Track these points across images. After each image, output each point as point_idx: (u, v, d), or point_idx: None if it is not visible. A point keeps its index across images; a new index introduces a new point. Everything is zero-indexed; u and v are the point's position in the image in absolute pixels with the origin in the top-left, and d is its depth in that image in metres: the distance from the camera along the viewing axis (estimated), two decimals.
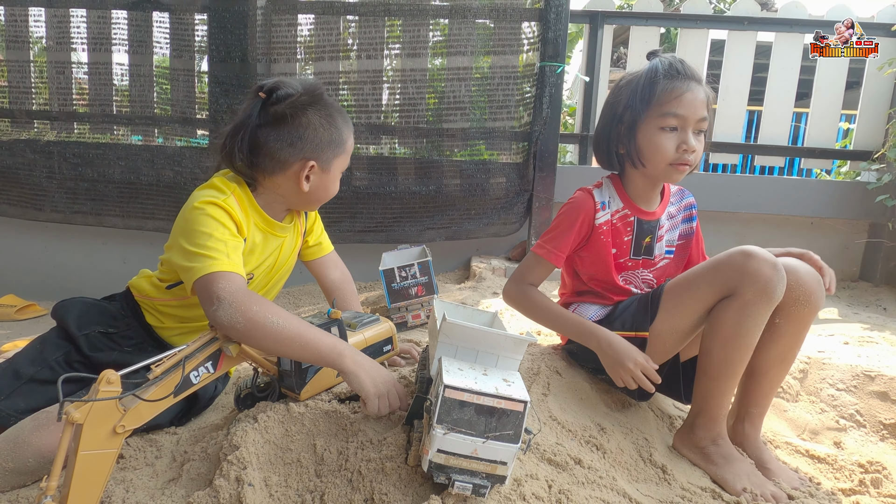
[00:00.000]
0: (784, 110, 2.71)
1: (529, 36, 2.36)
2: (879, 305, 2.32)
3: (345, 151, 1.11)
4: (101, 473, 0.72)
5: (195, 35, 2.41)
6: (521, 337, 0.80)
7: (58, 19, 2.45)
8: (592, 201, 1.19)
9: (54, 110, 2.51)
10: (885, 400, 1.36)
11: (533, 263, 1.22)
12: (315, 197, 1.11)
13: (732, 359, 1.03)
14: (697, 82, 1.12)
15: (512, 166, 2.44)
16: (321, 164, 1.08)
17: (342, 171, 1.13)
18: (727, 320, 1.02)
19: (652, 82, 1.12)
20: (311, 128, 1.05)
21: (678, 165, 1.12)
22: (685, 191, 1.30)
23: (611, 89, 1.22)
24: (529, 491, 0.79)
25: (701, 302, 1.06)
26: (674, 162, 1.12)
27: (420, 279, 1.67)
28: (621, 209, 1.20)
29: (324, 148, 1.08)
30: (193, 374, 0.81)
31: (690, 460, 1.10)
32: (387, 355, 1.11)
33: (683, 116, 1.10)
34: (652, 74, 1.12)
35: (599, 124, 1.23)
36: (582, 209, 1.19)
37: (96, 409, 0.69)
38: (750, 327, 1.01)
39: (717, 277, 1.03)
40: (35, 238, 2.60)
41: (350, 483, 0.80)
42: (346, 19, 2.43)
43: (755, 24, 2.62)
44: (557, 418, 1.05)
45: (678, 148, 1.11)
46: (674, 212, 1.26)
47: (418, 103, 2.43)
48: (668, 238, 1.25)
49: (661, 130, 1.12)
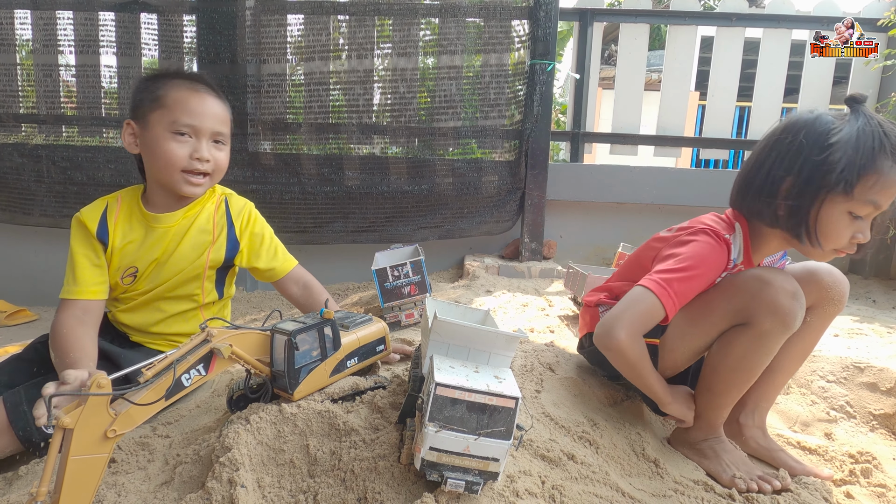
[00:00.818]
0: (773, 106, 2.73)
1: (519, 34, 2.37)
2: (869, 298, 2.35)
3: (162, 106, 1.10)
4: (91, 478, 0.71)
5: (184, 36, 2.40)
6: (512, 334, 0.80)
7: (44, 21, 2.43)
8: (727, 253, 1.03)
9: (42, 114, 2.48)
10: (874, 391, 1.37)
11: (652, 309, 0.98)
12: (154, 162, 1.12)
13: (740, 381, 1.03)
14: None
15: (504, 164, 2.44)
16: (138, 122, 1.12)
17: (172, 128, 1.09)
18: (740, 345, 1.00)
19: (872, 158, 0.90)
20: (134, 91, 1.14)
21: (838, 251, 0.99)
22: (786, 255, 1.17)
23: (785, 125, 1.00)
24: (523, 487, 0.80)
25: (713, 326, 1.03)
26: (838, 248, 0.98)
27: (413, 278, 1.67)
28: (740, 263, 1.06)
29: (137, 105, 1.12)
30: (185, 377, 0.80)
31: (684, 454, 1.12)
32: (380, 355, 1.11)
33: (880, 206, 0.93)
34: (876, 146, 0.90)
35: (766, 164, 1.00)
36: (717, 261, 1.02)
37: (87, 413, 0.69)
38: (763, 354, 1.00)
39: (732, 304, 1.00)
40: (24, 243, 2.58)
41: (343, 482, 0.80)
42: (336, 19, 2.42)
43: (743, 20, 2.64)
44: (550, 414, 1.06)
45: (852, 238, 0.97)
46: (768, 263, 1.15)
47: (409, 103, 2.43)
48: None
49: (849, 215, 0.95)
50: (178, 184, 1.12)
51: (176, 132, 1.10)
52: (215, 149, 1.15)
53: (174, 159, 1.10)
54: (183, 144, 1.10)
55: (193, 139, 1.11)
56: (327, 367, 0.97)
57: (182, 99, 1.10)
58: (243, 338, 0.88)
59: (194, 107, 1.10)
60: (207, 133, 1.12)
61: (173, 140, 1.10)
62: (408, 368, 1.05)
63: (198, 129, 1.11)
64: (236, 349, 0.86)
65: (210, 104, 1.13)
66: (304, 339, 0.92)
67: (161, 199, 1.18)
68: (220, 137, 1.15)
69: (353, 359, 1.03)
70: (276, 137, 2.45)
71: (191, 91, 1.12)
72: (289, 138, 2.46)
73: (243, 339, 0.88)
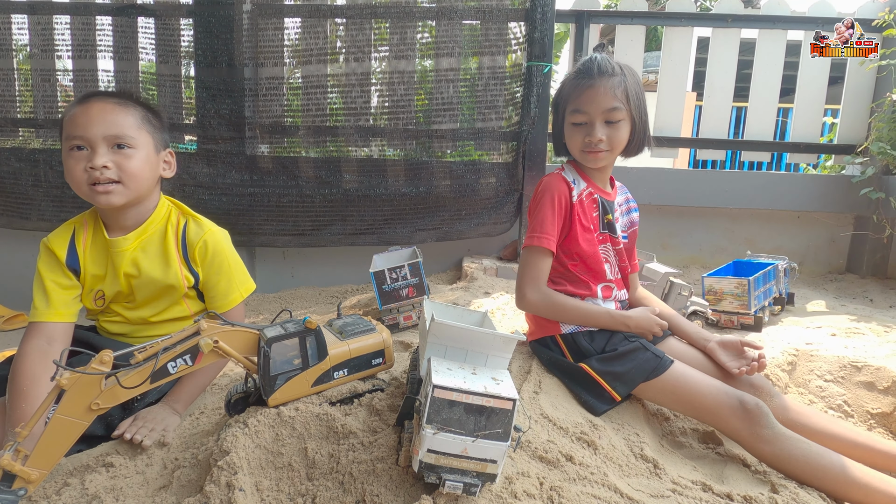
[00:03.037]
0: (769, 106, 2.74)
1: (516, 36, 2.37)
2: (866, 297, 2.35)
3: (63, 129, 1.11)
4: (67, 439, 0.81)
5: (181, 40, 2.40)
6: (509, 335, 0.80)
7: (41, 26, 2.43)
8: (564, 181, 1.26)
9: (39, 118, 2.48)
10: (871, 390, 1.38)
11: (533, 259, 1.23)
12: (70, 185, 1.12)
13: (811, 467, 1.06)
14: (609, 77, 1.19)
15: (501, 166, 2.44)
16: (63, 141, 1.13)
17: (69, 145, 1.10)
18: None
19: (565, 83, 1.26)
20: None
21: (588, 153, 1.24)
22: (624, 187, 1.43)
23: (557, 89, 1.32)
24: (521, 488, 0.80)
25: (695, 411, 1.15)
26: (584, 149, 1.24)
27: (411, 280, 1.67)
28: (586, 188, 1.29)
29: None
30: (171, 365, 0.84)
31: None
32: (376, 369, 1.04)
33: (586, 112, 1.21)
34: (573, 71, 1.25)
35: (552, 119, 1.35)
36: (556, 188, 1.25)
37: (83, 381, 0.78)
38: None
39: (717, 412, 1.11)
40: (22, 247, 2.58)
41: (342, 485, 0.80)
42: (333, 22, 2.43)
43: (739, 21, 2.65)
44: (549, 416, 1.06)
45: (586, 139, 1.23)
46: (621, 201, 1.39)
47: (407, 105, 2.43)
48: (621, 222, 1.36)
49: (572, 126, 1.24)
50: (91, 197, 1.10)
51: (72, 148, 1.09)
52: (119, 154, 1.10)
53: (74, 175, 1.09)
54: (80, 160, 1.09)
55: (87, 151, 1.09)
56: (309, 377, 0.94)
57: (71, 116, 1.10)
58: (234, 335, 0.89)
59: (79, 119, 1.09)
60: (99, 140, 1.08)
61: (71, 158, 1.09)
62: (406, 370, 1.05)
63: (88, 139, 1.08)
64: (222, 345, 0.87)
65: (98, 110, 1.09)
66: (282, 347, 0.91)
67: (109, 220, 1.17)
68: (122, 141, 1.10)
69: (343, 370, 0.99)
70: (274, 140, 2.45)
71: (80, 106, 1.11)
72: (286, 141, 2.46)
73: (234, 337, 0.89)
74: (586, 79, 1.20)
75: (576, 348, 1.22)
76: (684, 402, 1.14)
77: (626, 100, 1.20)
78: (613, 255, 1.31)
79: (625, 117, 1.21)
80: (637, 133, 1.24)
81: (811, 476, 1.03)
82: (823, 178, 2.71)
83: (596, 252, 1.27)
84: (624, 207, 1.38)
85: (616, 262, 1.32)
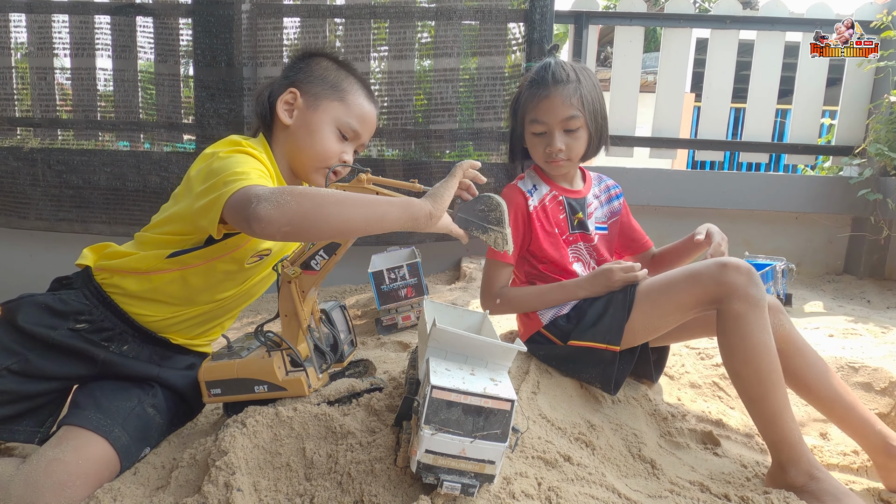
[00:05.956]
0: (767, 107, 2.75)
1: (516, 37, 2.38)
2: (863, 298, 2.36)
3: (341, 100, 1.09)
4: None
5: (180, 39, 2.40)
6: (511, 346, 0.80)
7: (39, 25, 2.42)
8: (519, 192, 1.28)
9: (37, 117, 2.48)
10: (869, 391, 1.38)
11: (492, 268, 1.29)
12: (307, 144, 1.07)
13: (763, 370, 1.01)
14: (564, 84, 1.20)
15: (500, 167, 2.44)
16: (306, 96, 1.08)
17: (336, 126, 1.08)
18: (734, 338, 1.02)
19: (521, 91, 1.27)
20: (311, 64, 1.10)
21: (551, 162, 1.25)
22: (602, 176, 1.42)
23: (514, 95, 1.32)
24: (519, 489, 0.80)
25: (677, 306, 1.10)
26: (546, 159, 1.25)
27: (409, 280, 1.67)
28: (549, 192, 1.30)
29: (314, 81, 1.09)
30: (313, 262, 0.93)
31: None
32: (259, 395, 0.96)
33: (544, 122, 1.22)
34: (523, 83, 1.27)
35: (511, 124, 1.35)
36: (511, 204, 1.26)
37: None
38: (757, 334, 1.01)
39: (696, 286, 1.06)
40: (20, 246, 2.57)
41: (340, 486, 0.80)
42: (332, 22, 2.43)
43: (737, 22, 2.65)
44: (547, 416, 1.06)
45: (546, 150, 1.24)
46: (598, 192, 1.38)
47: (406, 105, 2.43)
48: (597, 215, 1.36)
49: (532, 136, 1.26)
50: (314, 174, 1.09)
51: (342, 131, 1.09)
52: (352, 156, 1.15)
53: (328, 153, 1.08)
54: (340, 144, 1.10)
55: (349, 143, 1.12)
56: None
57: (360, 105, 1.11)
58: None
59: (367, 118, 1.13)
60: (360, 142, 1.14)
61: (335, 136, 1.09)
62: (404, 371, 1.05)
63: (358, 136, 1.12)
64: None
65: (374, 119, 1.15)
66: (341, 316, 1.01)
67: (285, 174, 1.12)
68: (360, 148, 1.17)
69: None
70: None
71: (367, 99, 1.14)
72: None
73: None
74: (542, 88, 1.22)
75: (560, 333, 1.22)
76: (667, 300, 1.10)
77: (582, 106, 1.21)
78: (588, 252, 1.32)
79: (582, 125, 1.22)
80: (593, 137, 1.26)
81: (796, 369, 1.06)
82: (821, 179, 2.72)
83: (563, 255, 1.28)
84: (603, 198, 1.38)
85: (594, 258, 1.33)
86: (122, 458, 0.92)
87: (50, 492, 0.82)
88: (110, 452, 0.90)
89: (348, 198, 0.80)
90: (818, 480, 0.96)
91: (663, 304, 1.11)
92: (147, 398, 1.01)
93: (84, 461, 0.87)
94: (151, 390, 1.03)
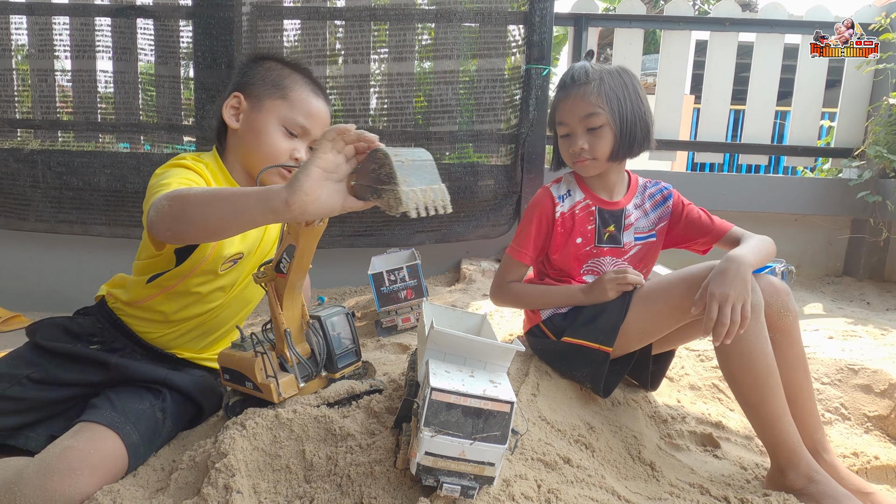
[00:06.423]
0: (766, 109, 2.75)
1: (515, 39, 2.38)
2: (863, 300, 2.36)
3: (284, 97, 1.07)
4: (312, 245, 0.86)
5: (180, 41, 2.40)
6: (508, 346, 0.80)
7: (39, 27, 2.43)
8: (549, 196, 1.26)
9: (38, 119, 2.48)
10: (868, 393, 1.38)
11: (507, 264, 1.29)
12: (254, 147, 1.06)
13: (760, 374, 1.00)
14: (583, 84, 1.18)
15: (500, 168, 2.45)
16: (250, 98, 1.08)
17: (281, 124, 1.06)
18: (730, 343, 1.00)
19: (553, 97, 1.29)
20: (256, 67, 1.09)
21: (577, 163, 1.23)
22: (650, 182, 1.35)
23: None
24: (518, 491, 0.80)
25: (672, 310, 1.08)
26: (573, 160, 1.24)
27: (409, 282, 1.67)
28: (583, 200, 1.27)
29: (257, 83, 1.08)
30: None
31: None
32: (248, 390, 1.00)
33: (568, 124, 1.21)
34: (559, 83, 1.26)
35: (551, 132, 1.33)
36: (538, 206, 1.26)
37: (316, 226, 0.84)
38: (754, 339, 1.00)
39: (690, 291, 1.04)
40: (19, 248, 2.57)
41: (339, 488, 0.80)
42: (332, 24, 2.43)
43: (736, 25, 2.66)
44: (546, 418, 1.06)
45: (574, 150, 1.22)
46: (641, 201, 1.31)
47: (406, 107, 2.44)
48: (639, 226, 1.29)
49: (560, 139, 1.25)
50: (269, 175, 1.07)
51: (288, 128, 1.07)
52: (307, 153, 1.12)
53: (278, 154, 1.06)
54: (289, 141, 1.08)
55: (298, 140, 1.09)
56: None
57: (305, 100, 1.09)
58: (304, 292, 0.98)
59: (313, 111, 1.09)
60: (311, 138, 1.10)
61: (283, 135, 1.07)
62: (404, 373, 1.05)
63: (307, 132, 1.09)
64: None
65: (323, 111, 1.12)
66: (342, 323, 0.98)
67: (240, 178, 1.12)
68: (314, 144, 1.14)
69: None
70: None
71: (314, 94, 1.11)
72: None
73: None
74: (563, 90, 1.22)
75: (555, 329, 1.23)
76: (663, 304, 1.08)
77: (604, 103, 1.16)
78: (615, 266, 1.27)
79: (604, 122, 1.17)
80: (620, 136, 1.18)
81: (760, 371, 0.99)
82: (820, 181, 2.72)
83: (573, 267, 1.26)
84: (648, 205, 1.30)
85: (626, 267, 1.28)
86: (131, 455, 0.93)
87: (59, 476, 0.84)
88: (121, 448, 0.92)
89: (215, 196, 0.77)
90: (817, 483, 0.96)
91: (659, 308, 1.10)
92: (157, 402, 1.03)
93: (95, 452, 0.88)
94: (161, 395, 1.05)
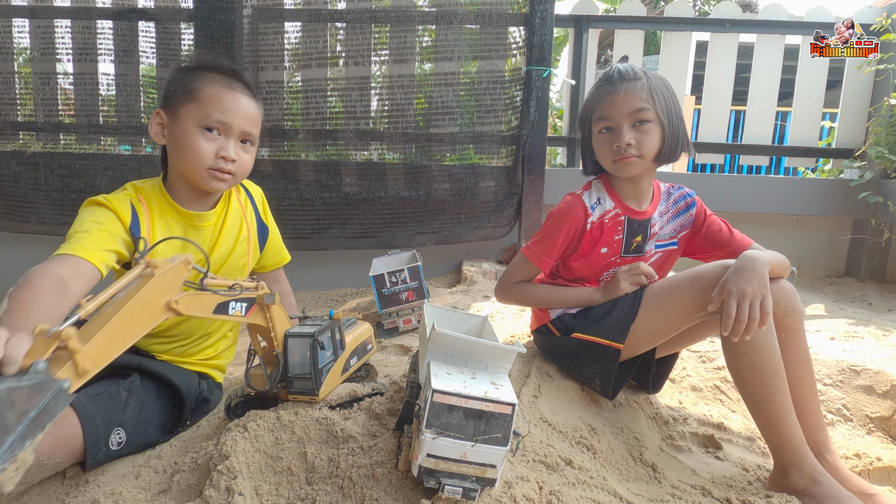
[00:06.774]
0: (767, 110, 2.75)
1: (516, 40, 2.38)
2: (865, 300, 2.35)
3: (194, 99, 1.05)
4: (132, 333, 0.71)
5: (182, 44, 2.41)
6: (510, 348, 0.80)
7: (42, 30, 2.43)
8: (582, 207, 1.21)
9: (40, 121, 2.49)
10: (870, 394, 1.38)
11: (521, 265, 1.26)
12: (180, 156, 1.06)
13: (767, 373, 1.00)
14: (633, 80, 1.14)
15: (501, 170, 2.45)
16: (168, 111, 1.08)
17: (197, 125, 1.05)
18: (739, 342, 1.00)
19: (588, 97, 1.23)
20: (169, 83, 1.10)
21: (620, 161, 1.16)
22: (674, 187, 1.32)
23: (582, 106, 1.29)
24: (520, 493, 0.80)
25: (683, 310, 1.08)
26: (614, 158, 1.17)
27: (410, 284, 1.67)
28: (612, 209, 1.22)
29: (170, 95, 1.09)
30: (231, 305, 0.86)
31: None
32: (369, 354, 1.14)
33: (610, 118, 1.16)
34: (591, 90, 1.23)
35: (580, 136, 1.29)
36: (570, 215, 1.21)
37: (174, 270, 0.75)
38: (762, 337, 1.00)
39: (701, 290, 1.04)
40: (21, 251, 2.57)
41: (341, 490, 0.80)
42: (333, 26, 2.44)
43: (737, 26, 2.66)
44: (548, 420, 1.06)
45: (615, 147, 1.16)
46: (665, 208, 1.28)
47: (407, 109, 2.44)
48: (662, 233, 1.27)
49: (599, 135, 1.19)
50: (204, 180, 1.07)
51: (206, 128, 1.05)
52: (242, 149, 1.10)
53: (201, 156, 1.05)
54: (211, 141, 1.06)
55: (222, 137, 1.07)
56: (338, 367, 1.00)
57: (216, 95, 1.06)
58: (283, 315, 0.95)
59: (227, 104, 1.06)
60: (237, 132, 1.08)
61: (202, 136, 1.05)
62: (405, 374, 1.05)
63: (228, 127, 1.06)
64: (276, 308, 0.91)
65: (243, 103, 1.09)
66: (325, 339, 0.96)
67: (186, 195, 1.12)
68: (249, 138, 1.11)
69: (354, 357, 1.06)
70: (274, 144, 2.46)
71: (226, 87, 1.08)
72: (286, 145, 2.47)
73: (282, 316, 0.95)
74: (608, 85, 1.16)
75: (564, 329, 1.22)
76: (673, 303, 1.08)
77: (652, 100, 1.13)
78: None
79: (653, 118, 1.13)
80: (669, 135, 1.15)
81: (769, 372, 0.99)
82: (822, 181, 2.72)
83: (590, 275, 1.26)
84: (671, 212, 1.28)
85: None
86: (85, 424, 0.93)
87: None
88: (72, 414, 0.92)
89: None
90: (820, 484, 0.96)
91: (669, 307, 1.10)
92: (124, 383, 1.04)
93: None
94: (128, 378, 1.06)
